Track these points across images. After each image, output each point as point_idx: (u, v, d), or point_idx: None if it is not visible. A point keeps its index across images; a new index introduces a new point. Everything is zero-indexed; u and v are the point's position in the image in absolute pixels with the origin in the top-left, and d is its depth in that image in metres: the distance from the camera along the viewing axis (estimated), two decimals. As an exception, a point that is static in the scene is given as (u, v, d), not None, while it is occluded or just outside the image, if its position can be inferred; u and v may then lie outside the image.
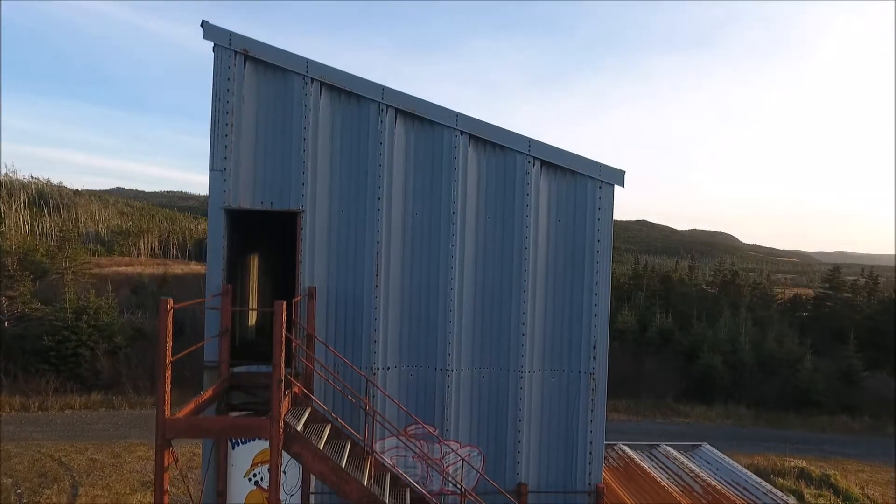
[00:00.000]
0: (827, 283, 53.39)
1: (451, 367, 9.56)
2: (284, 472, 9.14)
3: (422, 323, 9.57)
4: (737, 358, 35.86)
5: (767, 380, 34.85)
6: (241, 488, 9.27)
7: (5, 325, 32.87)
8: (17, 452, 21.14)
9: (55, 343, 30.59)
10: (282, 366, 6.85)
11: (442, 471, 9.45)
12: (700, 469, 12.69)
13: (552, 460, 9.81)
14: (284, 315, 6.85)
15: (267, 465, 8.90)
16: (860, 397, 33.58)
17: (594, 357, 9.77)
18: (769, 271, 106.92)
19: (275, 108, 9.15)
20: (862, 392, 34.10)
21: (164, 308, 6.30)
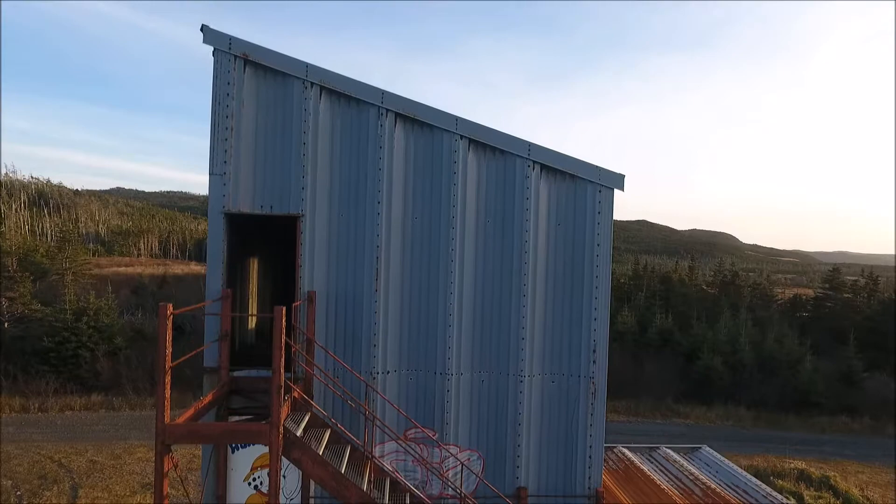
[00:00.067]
0: (827, 283, 53.39)
1: (450, 370, 9.55)
2: (284, 476, 9.15)
3: (421, 327, 9.56)
4: (736, 359, 35.89)
5: (767, 381, 34.86)
6: (240, 492, 9.27)
7: (5, 326, 32.86)
8: (16, 454, 21.16)
9: (55, 344, 30.63)
10: (281, 372, 6.86)
11: (441, 475, 9.44)
12: (700, 472, 12.68)
13: (552, 464, 9.81)
14: (284, 321, 6.85)
15: (267, 469, 8.89)
16: (860, 398, 33.59)
17: (594, 361, 9.77)
18: (769, 271, 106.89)
19: (274, 111, 9.15)
20: (862, 393, 34.12)
21: (164, 314, 6.30)
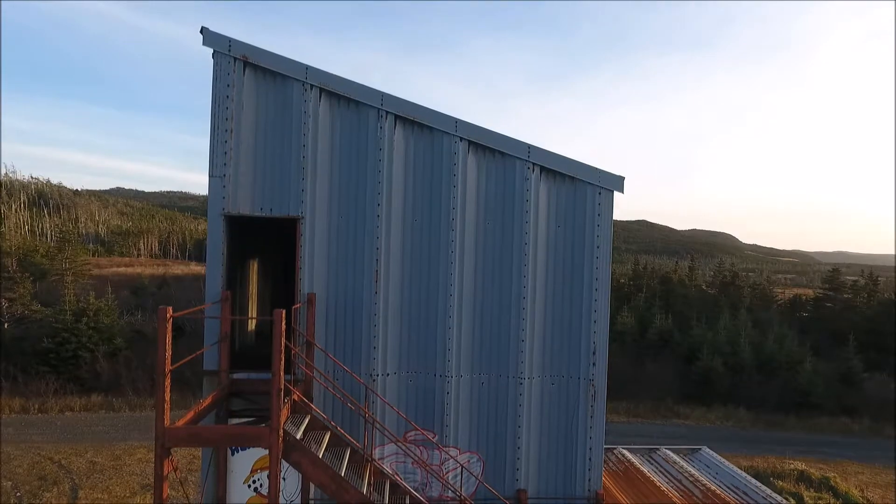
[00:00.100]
0: (827, 283, 53.40)
1: (450, 373, 9.55)
2: (284, 478, 9.14)
3: (421, 329, 9.55)
4: (736, 360, 35.86)
5: (767, 381, 34.84)
6: (240, 494, 9.27)
7: (5, 327, 32.87)
8: (16, 455, 21.16)
9: (55, 345, 30.65)
10: (281, 375, 6.85)
11: (441, 477, 9.44)
12: (700, 473, 12.68)
13: (552, 467, 9.81)
14: (284, 324, 6.85)
15: (266, 471, 8.89)
16: (860, 399, 33.59)
17: (594, 363, 9.77)
18: (769, 271, 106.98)
19: (274, 114, 9.14)
20: (862, 394, 34.11)
21: (164, 317, 6.30)
